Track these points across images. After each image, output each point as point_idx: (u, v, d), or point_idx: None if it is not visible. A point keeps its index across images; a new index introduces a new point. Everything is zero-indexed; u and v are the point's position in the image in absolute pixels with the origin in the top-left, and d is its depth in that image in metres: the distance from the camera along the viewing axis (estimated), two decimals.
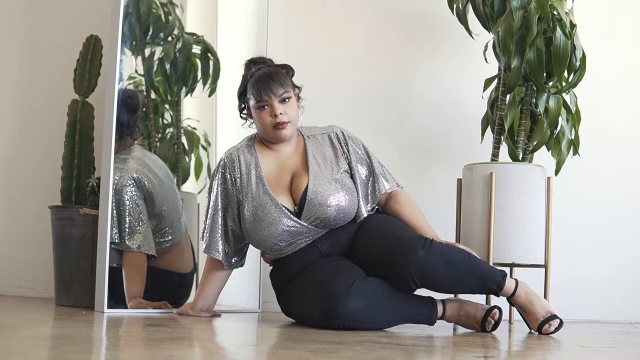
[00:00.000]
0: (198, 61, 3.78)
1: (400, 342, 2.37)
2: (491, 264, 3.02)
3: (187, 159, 3.76)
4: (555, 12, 3.02)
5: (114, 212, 3.11)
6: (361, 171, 2.93)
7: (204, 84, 3.78)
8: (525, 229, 3.05)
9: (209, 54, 3.80)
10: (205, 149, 3.83)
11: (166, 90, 3.77)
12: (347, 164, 2.93)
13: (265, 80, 2.86)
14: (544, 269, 3.10)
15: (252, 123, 3.00)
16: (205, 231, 2.95)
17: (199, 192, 3.73)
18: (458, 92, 3.64)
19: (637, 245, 3.55)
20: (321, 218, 2.83)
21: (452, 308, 2.72)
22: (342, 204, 2.83)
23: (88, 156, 3.41)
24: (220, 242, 2.94)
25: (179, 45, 3.75)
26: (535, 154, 3.20)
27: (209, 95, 3.82)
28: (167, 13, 3.83)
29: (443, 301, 2.74)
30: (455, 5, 3.26)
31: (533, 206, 3.07)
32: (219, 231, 2.94)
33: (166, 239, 3.35)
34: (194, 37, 3.80)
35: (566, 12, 3.02)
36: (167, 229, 3.36)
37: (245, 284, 3.57)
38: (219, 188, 2.94)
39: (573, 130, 3.16)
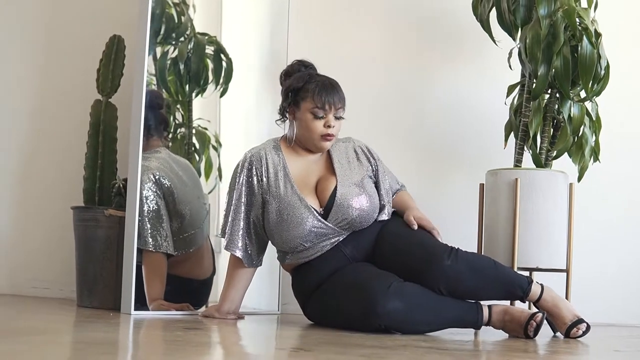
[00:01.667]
0: (209, 62, 3.77)
1: (441, 346, 2.40)
2: (515, 268, 3.06)
3: (197, 159, 3.76)
4: (580, 21, 3.06)
5: None
6: (384, 181, 3.01)
7: (216, 84, 3.78)
8: (550, 234, 3.10)
9: (222, 55, 3.80)
10: (216, 149, 3.83)
11: (177, 90, 3.76)
12: (374, 175, 3.00)
13: (332, 90, 2.92)
14: (565, 273, 3.15)
15: (283, 120, 3.01)
16: (227, 228, 2.96)
17: (209, 192, 3.73)
18: (475, 97, 3.68)
19: None
20: (348, 220, 2.88)
21: (497, 312, 2.73)
22: (364, 207, 2.89)
23: (111, 157, 3.39)
24: (242, 239, 2.95)
25: (190, 45, 3.75)
26: (553, 160, 3.24)
27: (221, 96, 3.81)
28: (180, 13, 3.83)
29: (489, 306, 2.75)
30: (479, 12, 3.29)
31: (557, 212, 3.11)
32: (241, 228, 2.95)
33: (188, 245, 3.33)
34: (207, 37, 3.80)
35: (592, 21, 3.07)
36: (187, 234, 3.34)
37: (259, 285, 3.57)
38: (244, 185, 2.96)
39: (593, 137, 3.21)
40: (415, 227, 2.87)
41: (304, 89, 2.93)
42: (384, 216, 2.96)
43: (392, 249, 2.85)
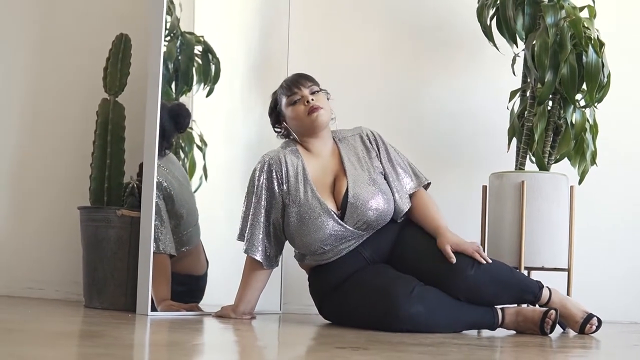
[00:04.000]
0: (194, 62, 3.76)
1: (480, 343, 2.47)
2: (522, 268, 3.16)
3: (182, 157, 3.75)
4: (585, 31, 3.18)
5: None
6: (390, 171, 3.01)
7: (204, 84, 3.77)
8: (552, 235, 3.22)
9: (210, 55, 3.80)
10: (200, 149, 3.82)
11: (163, 88, 3.73)
12: (381, 164, 3.02)
13: (293, 77, 3.05)
14: (567, 272, 3.27)
15: (284, 135, 3.07)
16: (247, 232, 2.97)
17: (193, 192, 3.72)
18: (473, 101, 3.76)
19: None
20: (363, 220, 2.90)
21: (510, 314, 2.82)
22: (380, 207, 2.91)
23: (119, 157, 3.33)
24: (261, 242, 2.96)
25: (177, 43, 3.73)
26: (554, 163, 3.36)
27: (207, 96, 3.81)
28: (166, 12, 3.80)
29: (502, 309, 2.83)
30: (483, 18, 3.38)
31: (559, 213, 3.23)
32: (261, 232, 2.96)
33: (186, 243, 3.32)
34: (194, 36, 3.79)
35: (596, 30, 3.19)
36: (186, 232, 3.33)
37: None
38: (264, 188, 2.96)
39: (591, 142, 3.34)
40: (454, 260, 2.76)
41: (277, 97, 3.06)
42: (403, 210, 2.96)
43: (413, 254, 2.88)
